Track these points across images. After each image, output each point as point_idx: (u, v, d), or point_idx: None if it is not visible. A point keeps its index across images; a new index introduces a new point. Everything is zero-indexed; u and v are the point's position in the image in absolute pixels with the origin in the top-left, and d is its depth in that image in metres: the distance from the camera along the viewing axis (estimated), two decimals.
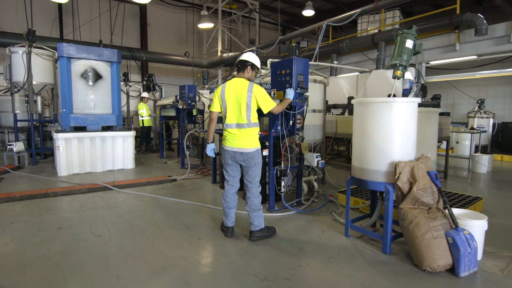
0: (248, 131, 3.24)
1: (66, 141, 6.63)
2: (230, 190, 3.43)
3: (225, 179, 3.47)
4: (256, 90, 3.23)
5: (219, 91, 3.35)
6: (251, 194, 3.35)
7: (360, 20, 10.75)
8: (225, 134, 3.35)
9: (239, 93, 3.22)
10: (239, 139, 3.24)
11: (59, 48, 6.77)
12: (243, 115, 3.21)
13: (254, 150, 3.26)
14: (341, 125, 7.79)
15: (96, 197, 5.03)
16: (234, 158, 3.28)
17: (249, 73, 3.35)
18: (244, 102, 3.19)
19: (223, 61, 12.98)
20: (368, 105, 3.15)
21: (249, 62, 3.33)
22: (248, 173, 3.32)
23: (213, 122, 3.43)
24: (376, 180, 3.11)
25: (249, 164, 3.26)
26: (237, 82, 3.28)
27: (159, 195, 5.10)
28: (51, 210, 4.36)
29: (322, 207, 4.45)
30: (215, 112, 3.40)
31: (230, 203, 3.42)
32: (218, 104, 3.37)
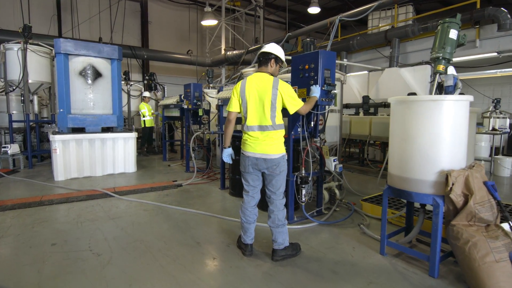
0: (273, 134, 2.80)
1: (64, 143, 6.18)
2: (250, 202, 2.99)
3: (244, 189, 3.03)
4: (282, 87, 2.79)
5: (238, 88, 2.92)
6: (274, 207, 2.91)
7: (371, 16, 10.31)
8: (245, 137, 2.91)
9: (262, 90, 2.78)
10: (262, 143, 2.80)
11: (56, 44, 6.32)
12: (267, 115, 2.78)
13: (280, 156, 2.82)
14: (355, 126, 7.35)
15: (96, 205, 4.59)
16: (256, 165, 2.85)
17: (272, 67, 2.92)
18: (269, 100, 2.76)
19: (227, 60, 12.54)
20: (412, 104, 2.71)
21: (272, 54, 2.89)
22: (271, 183, 2.88)
23: (231, 124, 2.99)
24: (421, 191, 2.67)
25: (274, 173, 2.83)
26: (260, 78, 2.84)
27: (164, 203, 4.65)
28: (46, 221, 3.91)
29: (347, 218, 4.00)
30: (234, 112, 2.96)
31: (250, 217, 2.98)
32: (237, 103, 2.93)
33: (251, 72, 6.70)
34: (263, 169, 2.84)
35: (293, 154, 3.86)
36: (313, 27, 9.76)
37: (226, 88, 5.31)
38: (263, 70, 2.91)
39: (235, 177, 5.13)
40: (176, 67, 15.53)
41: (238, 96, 2.90)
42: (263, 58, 2.92)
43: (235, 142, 5.14)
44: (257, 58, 2.99)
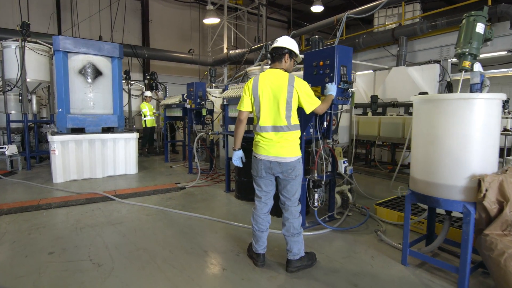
0: (288, 136, 2.59)
1: (63, 144, 5.97)
2: (263, 209, 2.78)
3: (255, 195, 2.82)
4: (298, 84, 2.58)
5: (251, 85, 2.70)
6: (289, 214, 2.70)
7: (377, 14, 10.10)
8: (257, 139, 2.70)
9: (277, 87, 2.57)
10: (277, 145, 2.58)
11: (54, 42, 6.11)
12: (282, 115, 2.57)
13: (295, 160, 2.61)
14: (363, 126, 7.13)
15: (96, 209, 4.37)
16: (269, 169, 2.63)
17: (287, 62, 2.70)
18: (284, 99, 2.54)
19: (229, 59, 12.33)
20: (440, 103, 2.49)
21: (286, 49, 2.67)
22: (286, 188, 2.67)
23: (242, 125, 2.78)
24: (450, 197, 2.45)
25: (289, 177, 2.61)
26: (274, 74, 2.63)
27: (167, 207, 4.44)
28: (43, 227, 3.70)
29: (362, 224, 3.78)
30: (245, 111, 2.75)
31: (263, 225, 2.77)
32: (248, 101, 2.72)
33: (256, 71, 6.49)
34: (277, 173, 2.63)
35: (304, 156, 3.65)
36: (319, 25, 9.55)
37: (232, 87, 5.10)
38: (277, 66, 2.69)
39: (241, 180, 4.92)
40: (177, 66, 15.32)
41: (250, 95, 2.69)
42: (276, 53, 2.70)
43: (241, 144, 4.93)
44: (270, 54, 2.77)
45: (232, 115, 5.17)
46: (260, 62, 6.59)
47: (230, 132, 5.36)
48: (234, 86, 5.04)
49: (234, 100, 5.00)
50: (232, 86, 5.12)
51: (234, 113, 5.12)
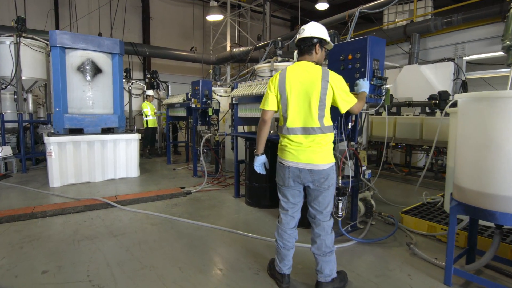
0: (321, 139, 2.23)
1: (60, 146, 5.60)
2: (289, 224, 2.42)
3: (281, 207, 2.46)
4: (333, 79, 2.23)
5: (277, 80, 2.34)
6: (321, 230, 2.34)
7: (387, 11, 9.75)
8: (284, 143, 2.34)
9: (309, 83, 2.21)
10: (307, 150, 2.23)
11: (51, 36, 5.75)
12: (314, 115, 2.21)
13: (329, 167, 2.25)
14: (377, 127, 6.79)
15: (95, 218, 4.01)
16: (298, 178, 2.27)
17: (318, 53, 2.35)
18: (317, 96, 2.19)
19: (233, 57, 11.95)
20: (498, 102, 2.14)
21: (315, 38, 2.32)
22: (317, 200, 2.31)
23: (266, 126, 2.42)
24: (511, 211, 2.11)
25: (321, 187, 2.26)
26: (305, 68, 2.27)
27: (173, 215, 4.08)
28: (37, 239, 3.33)
29: (390, 236, 3.43)
30: (270, 111, 2.38)
31: (289, 241, 2.41)
32: (274, 99, 2.36)
33: (266, 68, 6.13)
34: (308, 182, 2.27)
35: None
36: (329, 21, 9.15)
37: (242, 85, 4.74)
38: (307, 59, 2.34)
39: (252, 185, 4.57)
40: (178, 65, 14.96)
41: (276, 91, 2.33)
42: (304, 45, 2.33)
43: (252, 146, 4.58)
44: (297, 46, 2.40)
45: (242, 115, 4.82)
46: (269, 59, 6.23)
47: (239, 133, 5.01)
48: (244, 84, 4.68)
49: (244, 99, 4.65)
50: (241, 84, 4.77)
51: (244, 113, 4.77)
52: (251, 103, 4.53)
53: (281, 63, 5.99)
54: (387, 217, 3.78)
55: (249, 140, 4.62)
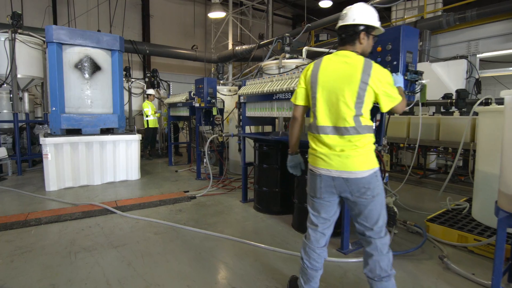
0: (357, 141, 1.89)
1: (56, 147, 5.29)
2: (319, 241, 2.10)
3: (309, 221, 2.14)
4: (377, 72, 1.87)
5: (309, 71, 2.03)
6: (373, 249, 1.96)
7: (395, 7, 9.45)
8: (314, 145, 2.02)
9: (346, 75, 1.89)
10: (341, 155, 1.90)
11: (47, 32, 5.44)
12: (348, 112, 1.88)
13: (371, 173, 1.91)
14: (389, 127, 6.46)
15: (94, 226, 3.70)
16: (333, 188, 1.95)
17: (363, 43, 2.00)
18: (354, 91, 1.86)
19: (235, 55, 11.64)
20: None
21: (361, 25, 1.95)
22: (362, 215, 1.95)
23: (297, 123, 2.14)
24: None
25: (363, 198, 1.91)
26: (343, 58, 1.95)
27: (178, 223, 3.77)
28: (29, 251, 3.03)
29: (419, 247, 3.12)
30: (300, 106, 2.10)
31: (318, 261, 2.10)
32: (304, 93, 2.06)
33: (273, 65, 5.84)
34: (345, 193, 1.94)
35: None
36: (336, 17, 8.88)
37: (250, 82, 4.43)
38: (348, 49, 2.00)
39: (262, 189, 4.27)
40: (179, 64, 14.66)
41: (307, 83, 2.02)
42: (345, 33, 1.99)
43: (262, 147, 4.28)
44: (338, 35, 2.06)
45: (250, 115, 4.52)
46: (277, 56, 5.93)
47: (248, 134, 4.71)
48: (252, 82, 4.38)
49: (252, 97, 4.35)
50: (250, 82, 4.46)
51: (252, 112, 4.47)
52: (261, 101, 4.23)
53: (290, 60, 5.70)
54: (413, 226, 3.47)
55: (258, 141, 4.32)
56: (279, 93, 3.70)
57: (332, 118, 1.93)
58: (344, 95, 1.88)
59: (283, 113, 3.85)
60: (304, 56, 5.95)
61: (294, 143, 2.20)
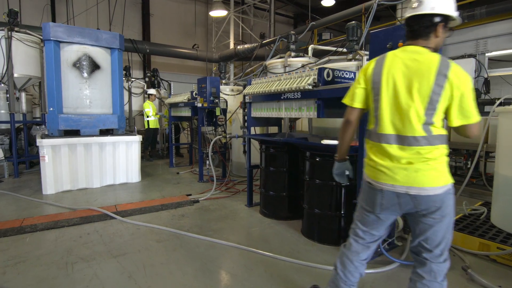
0: (429, 153, 1.60)
1: (54, 149, 5.09)
2: (360, 254, 1.87)
3: (353, 232, 1.91)
4: (457, 75, 1.56)
5: (371, 69, 1.78)
6: (427, 273, 1.70)
7: (401, 5, 9.24)
8: (374, 155, 1.77)
9: (417, 75, 1.61)
10: (409, 168, 1.62)
11: (44, 29, 5.25)
12: (416, 119, 1.60)
13: (445, 190, 1.62)
14: None
15: (92, 232, 3.51)
16: (397, 205, 1.70)
17: (438, 37, 1.68)
18: (426, 95, 1.58)
19: (237, 54, 11.44)
20: None
21: (440, 15, 1.63)
22: (425, 234, 1.68)
23: (351, 128, 1.88)
24: None
25: (431, 218, 1.64)
26: (413, 54, 1.66)
27: (181, 229, 3.58)
28: (23, 261, 2.84)
29: None
30: (357, 108, 1.84)
31: (354, 276, 1.88)
32: (363, 93, 1.81)
33: (279, 64, 5.65)
34: (410, 209, 1.68)
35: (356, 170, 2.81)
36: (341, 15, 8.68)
37: (256, 81, 4.24)
38: (420, 43, 1.69)
39: (269, 193, 4.08)
40: (179, 63, 14.48)
41: (368, 83, 1.77)
42: (418, 25, 1.67)
43: (268, 150, 4.09)
44: (407, 26, 1.74)
45: (256, 115, 4.33)
46: (282, 55, 5.75)
47: (253, 135, 4.52)
48: (259, 81, 4.19)
49: (258, 97, 4.15)
50: (256, 81, 4.27)
51: (258, 113, 4.27)
52: (267, 101, 4.04)
53: (296, 59, 5.52)
54: None
55: (265, 143, 4.13)
56: (288, 93, 3.51)
57: (397, 126, 1.66)
58: (413, 99, 1.61)
59: (291, 114, 3.65)
60: (310, 55, 5.78)
61: (345, 149, 1.97)
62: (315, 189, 3.37)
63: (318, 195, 3.35)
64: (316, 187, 3.35)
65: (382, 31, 2.49)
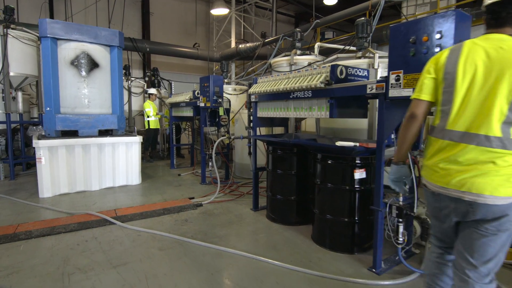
0: (500, 158, 1.41)
1: (51, 150, 4.90)
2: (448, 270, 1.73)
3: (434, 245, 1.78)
4: None
5: (443, 58, 1.59)
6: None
7: (406, 3, 9.08)
8: (431, 154, 1.61)
9: (501, 66, 1.41)
10: (472, 170, 1.44)
11: (41, 26, 5.05)
12: (496, 116, 1.41)
13: (510, 203, 1.43)
14: None
15: (91, 239, 3.32)
16: (452, 211, 1.54)
17: None
18: (509, 88, 1.39)
19: (238, 53, 11.26)
20: None
21: None
22: (473, 246, 1.51)
23: (418, 123, 1.67)
24: None
25: (483, 230, 1.48)
26: (497, 43, 1.48)
27: (185, 235, 3.39)
28: (16, 272, 2.64)
29: None
30: (425, 101, 1.64)
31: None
32: (432, 85, 1.62)
33: (284, 62, 5.46)
34: (467, 218, 1.51)
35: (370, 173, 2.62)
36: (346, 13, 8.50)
37: (262, 80, 4.05)
38: (508, 32, 1.51)
39: (276, 197, 3.90)
40: (179, 62, 14.28)
41: (440, 72, 1.58)
42: (506, 12, 1.49)
43: (276, 151, 3.90)
44: (489, 14, 1.56)
45: (262, 115, 4.13)
46: (287, 53, 5.55)
47: (259, 136, 4.33)
48: (265, 79, 3.99)
49: (264, 96, 3.96)
50: (262, 79, 4.08)
51: (264, 113, 4.08)
52: (275, 100, 3.84)
53: (302, 57, 5.33)
54: None
55: (272, 145, 3.94)
56: (298, 91, 3.32)
57: (468, 122, 1.47)
58: (495, 92, 1.41)
59: (301, 114, 3.46)
60: (317, 53, 5.59)
61: (406, 149, 1.77)
62: (327, 193, 3.18)
63: (330, 200, 3.16)
64: (328, 191, 3.16)
65: (403, 24, 2.30)
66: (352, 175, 2.96)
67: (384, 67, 4.15)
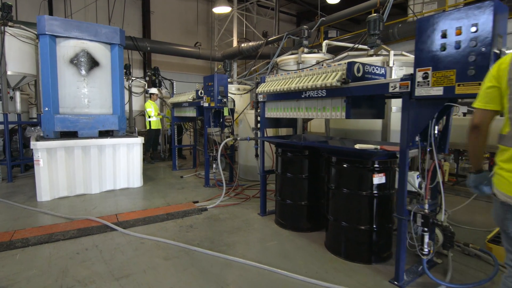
0: None
1: (49, 152, 4.70)
2: None
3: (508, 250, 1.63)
4: None
5: (505, 65, 1.51)
6: None
7: (413, 1, 8.90)
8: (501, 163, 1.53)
9: None
10: None
11: (39, 23, 4.86)
12: None
13: None
14: None
15: (91, 248, 3.13)
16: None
17: None
18: None
19: (240, 52, 11.07)
20: None
21: None
22: None
23: (484, 134, 1.61)
24: None
25: None
26: None
27: (191, 243, 3.20)
28: (11, 285, 2.45)
29: (492, 279, 2.55)
30: (490, 111, 1.57)
31: None
32: (496, 93, 1.53)
33: (291, 61, 5.28)
34: None
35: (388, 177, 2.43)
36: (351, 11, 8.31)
37: (271, 79, 3.86)
38: None
39: (285, 202, 3.71)
40: (180, 62, 14.09)
41: (503, 79, 1.49)
42: None
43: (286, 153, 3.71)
44: None
45: (270, 116, 3.94)
46: (294, 50, 5.36)
47: (267, 138, 4.14)
48: (274, 78, 3.80)
49: (273, 96, 3.77)
50: (270, 78, 3.89)
51: (273, 113, 3.89)
52: (285, 100, 3.65)
53: (310, 55, 5.15)
54: (478, 251, 2.90)
55: (282, 147, 3.75)
56: (311, 91, 3.13)
57: None
58: None
59: (313, 114, 3.27)
60: (325, 51, 5.41)
61: (479, 159, 1.72)
62: (342, 198, 2.99)
63: (345, 206, 2.97)
64: (343, 196, 2.97)
65: (433, 16, 2.10)
66: (370, 180, 2.77)
67: (399, 65, 3.97)
